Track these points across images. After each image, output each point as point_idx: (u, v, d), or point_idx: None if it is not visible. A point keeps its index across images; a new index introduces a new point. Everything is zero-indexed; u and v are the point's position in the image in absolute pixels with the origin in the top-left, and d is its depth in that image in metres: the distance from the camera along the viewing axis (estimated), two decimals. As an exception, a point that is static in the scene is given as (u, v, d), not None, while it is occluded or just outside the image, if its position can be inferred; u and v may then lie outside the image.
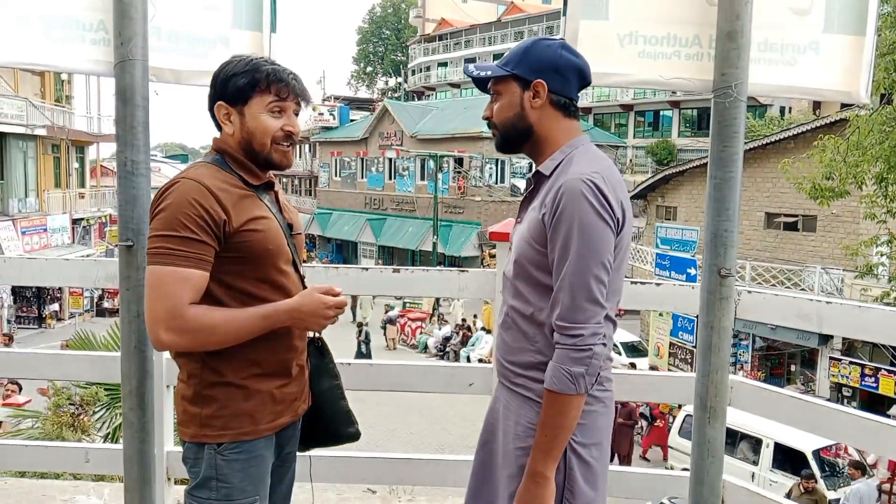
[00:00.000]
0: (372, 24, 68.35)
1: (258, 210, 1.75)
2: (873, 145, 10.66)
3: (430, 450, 12.19)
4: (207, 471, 1.73)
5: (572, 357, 1.65)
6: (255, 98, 1.75)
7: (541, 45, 1.81)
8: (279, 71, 1.77)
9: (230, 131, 1.78)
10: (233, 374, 1.74)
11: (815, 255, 18.57)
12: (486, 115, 1.88)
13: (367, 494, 3.64)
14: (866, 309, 2.54)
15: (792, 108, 33.41)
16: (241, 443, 1.74)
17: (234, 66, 1.76)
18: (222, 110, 1.77)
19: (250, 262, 1.73)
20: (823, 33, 2.30)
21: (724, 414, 2.37)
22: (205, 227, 1.65)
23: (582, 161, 1.74)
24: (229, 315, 1.68)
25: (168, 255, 1.63)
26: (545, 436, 1.68)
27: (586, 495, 1.75)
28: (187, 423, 1.76)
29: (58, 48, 2.24)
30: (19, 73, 23.57)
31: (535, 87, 1.78)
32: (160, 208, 1.67)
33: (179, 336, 1.64)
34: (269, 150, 1.78)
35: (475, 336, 20.85)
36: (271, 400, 1.78)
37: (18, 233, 22.91)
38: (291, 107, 1.80)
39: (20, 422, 6.20)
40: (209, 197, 1.66)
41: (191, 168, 1.76)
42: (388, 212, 37.29)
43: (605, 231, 1.66)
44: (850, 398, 15.66)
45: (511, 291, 1.83)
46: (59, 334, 19.43)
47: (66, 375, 3.90)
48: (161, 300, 1.63)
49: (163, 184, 1.74)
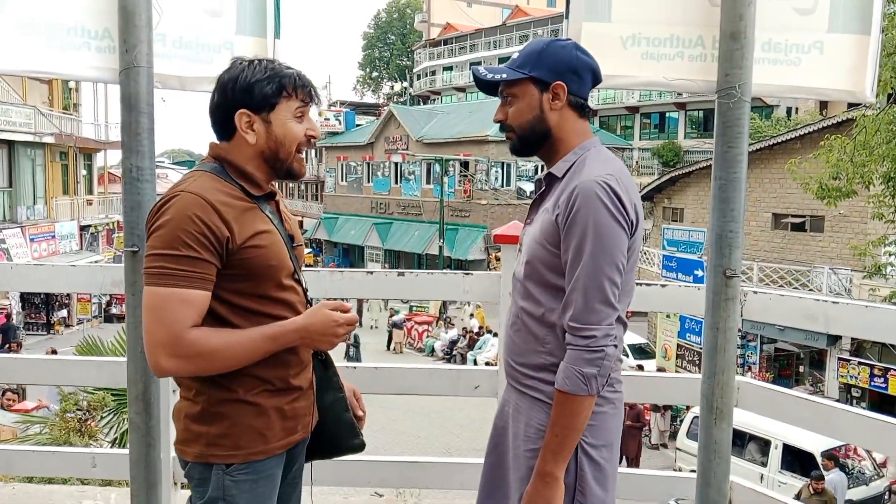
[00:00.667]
0: (377, 30, 68.55)
1: (261, 224, 1.66)
2: (880, 145, 10.62)
3: (437, 453, 12.17)
4: (214, 492, 1.65)
5: (585, 358, 1.66)
6: (282, 104, 1.67)
7: (556, 47, 1.80)
8: (303, 75, 1.71)
9: (252, 140, 1.67)
10: (243, 391, 1.65)
11: (822, 255, 18.50)
12: (500, 119, 1.85)
13: (374, 498, 3.64)
14: (873, 309, 2.52)
15: (799, 109, 33.31)
16: (252, 463, 1.66)
17: (252, 71, 1.66)
18: (244, 118, 1.66)
19: (252, 279, 1.64)
20: (828, 33, 2.29)
21: (731, 415, 2.36)
22: (206, 245, 1.55)
23: (595, 163, 1.75)
24: (233, 339, 1.59)
25: (168, 276, 1.53)
26: (555, 436, 1.68)
27: (597, 496, 1.76)
28: (191, 442, 1.67)
29: (63, 56, 2.25)
30: (27, 82, 23.70)
31: (555, 88, 1.78)
32: (158, 224, 1.57)
33: (181, 362, 1.55)
34: (293, 158, 1.71)
35: (482, 339, 20.85)
36: (282, 416, 1.71)
37: (27, 240, 23.01)
38: (309, 110, 1.74)
39: (28, 427, 6.23)
40: (211, 212, 1.56)
41: (189, 179, 1.65)
42: (394, 216, 37.32)
43: (619, 233, 1.67)
44: (860, 399, 15.57)
45: (521, 293, 1.83)
46: (68, 340, 19.51)
47: (73, 381, 3.92)
48: (161, 324, 1.53)
49: (163, 194, 1.65)
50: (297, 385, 1.75)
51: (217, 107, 1.69)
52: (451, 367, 3.69)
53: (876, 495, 10.92)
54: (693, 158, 30.44)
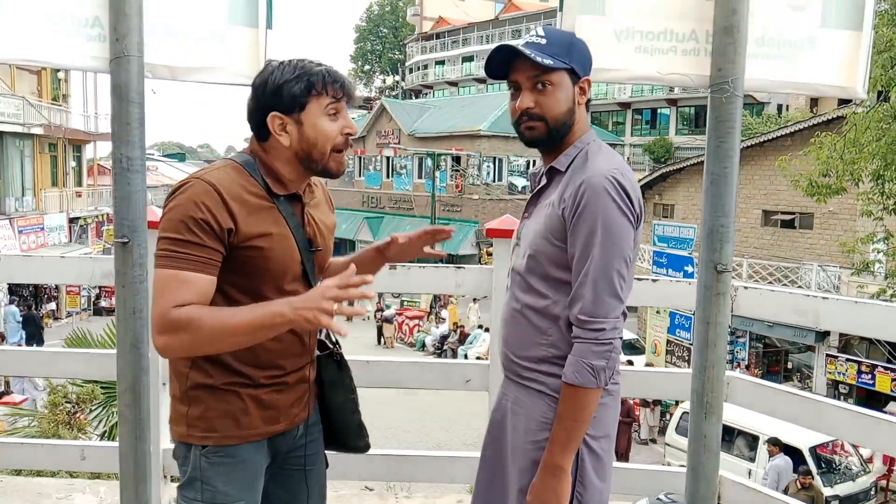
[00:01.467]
0: (369, 23, 68.26)
1: (272, 225, 1.67)
2: (870, 142, 10.69)
3: (426, 447, 12.18)
4: (193, 472, 1.70)
5: (594, 351, 1.68)
6: (312, 102, 1.67)
7: (580, 41, 1.83)
8: (333, 71, 1.70)
9: (286, 143, 1.68)
10: (219, 377, 1.68)
11: (811, 252, 18.60)
12: (528, 106, 1.76)
13: (365, 492, 3.64)
14: (863, 305, 2.54)
15: (789, 106, 33.45)
16: (226, 447, 1.70)
17: (281, 72, 1.67)
18: (276, 121, 1.67)
19: (248, 277, 1.66)
20: (821, 28, 2.30)
21: (721, 409, 2.37)
22: (209, 232, 1.58)
23: (598, 157, 1.76)
24: (218, 309, 1.59)
25: (172, 258, 1.57)
26: (564, 429, 1.70)
27: (596, 487, 1.78)
28: (177, 420, 1.73)
29: (53, 44, 2.22)
30: (16, 72, 23.51)
31: (583, 83, 1.80)
32: (168, 208, 1.62)
33: (169, 338, 1.55)
34: (329, 158, 1.72)
35: (473, 334, 20.87)
36: (259, 406, 1.72)
37: (15, 232, 22.86)
38: (344, 107, 1.73)
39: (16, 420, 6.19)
40: (218, 202, 1.59)
41: (212, 168, 1.69)
42: (385, 210, 37.27)
43: (627, 227, 1.70)
44: (847, 395, 15.68)
45: (522, 286, 1.83)
46: (56, 333, 19.40)
47: (63, 373, 3.89)
48: (156, 304, 1.57)
49: (176, 181, 1.70)
50: (280, 381, 1.75)
51: (252, 111, 1.71)
52: (444, 360, 3.68)
53: (862, 490, 11.01)
54: (684, 155, 30.49)
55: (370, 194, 38.57)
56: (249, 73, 2.37)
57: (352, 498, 3.41)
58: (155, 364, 2.90)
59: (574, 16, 2.26)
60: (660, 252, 19.35)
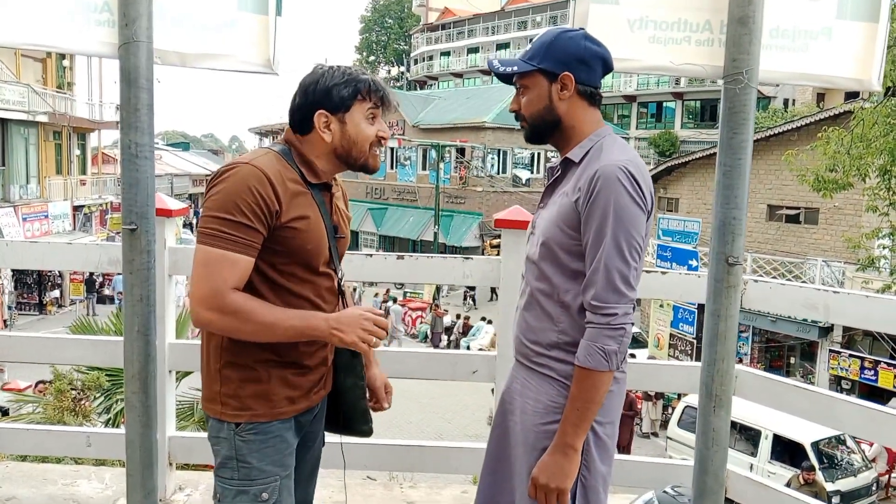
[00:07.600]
0: (375, 13, 68.06)
1: (308, 209, 1.80)
2: (877, 137, 10.62)
3: (429, 438, 12.21)
4: (228, 451, 1.79)
5: (606, 335, 1.73)
6: (356, 106, 1.83)
7: (564, 38, 1.85)
8: (377, 81, 1.86)
9: (328, 139, 1.83)
10: (249, 356, 1.79)
11: (816, 247, 18.55)
12: (514, 109, 1.93)
13: (368, 481, 3.64)
14: (874, 298, 2.53)
15: (795, 101, 33.31)
16: (258, 423, 1.79)
17: (332, 75, 1.82)
18: (322, 119, 1.82)
19: (287, 256, 1.77)
20: (836, 19, 2.27)
21: (730, 403, 2.35)
22: (258, 215, 1.69)
23: (613, 149, 1.82)
24: (267, 307, 1.72)
25: (220, 238, 1.68)
26: (576, 410, 1.76)
27: (599, 471, 1.84)
28: (211, 399, 1.82)
29: (61, 29, 2.21)
30: (21, 59, 23.50)
31: (563, 79, 1.84)
32: (217, 189, 1.71)
33: (218, 316, 1.68)
34: (368, 155, 1.87)
35: (476, 326, 20.90)
36: (285, 384, 1.82)
37: (20, 219, 22.90)
38: (380, 113, 1.88)
39: (21, 406, 6.20)
40: (267, 186, 1.71)
41: (256, 154, 1.80)
42: (389, 201, 37.25)
43: (639, 215, 1.74)
44: (850, 391, 15.68)
45: (535, 274, 1.89)
46: (60, 321, 19.46)
47: (70, 360, 3.89)
48: (207, 280, 1.68)
49: (222, 165, 1.80)
50: (306, 364, 1.86)
51: (298, 107, 1.85)
52: (449, 352, 3.69)
53: (864, 486, 11.02)
54: (689, 148, 30.38)
55: (374, 185, 38.53)
56: (259, 61, 2.37)
57: (355, 488, 3.41)
58: (162, 351, 2.90)
59: (587, 5, 2.24)
60: (664, 246, 19.35)
